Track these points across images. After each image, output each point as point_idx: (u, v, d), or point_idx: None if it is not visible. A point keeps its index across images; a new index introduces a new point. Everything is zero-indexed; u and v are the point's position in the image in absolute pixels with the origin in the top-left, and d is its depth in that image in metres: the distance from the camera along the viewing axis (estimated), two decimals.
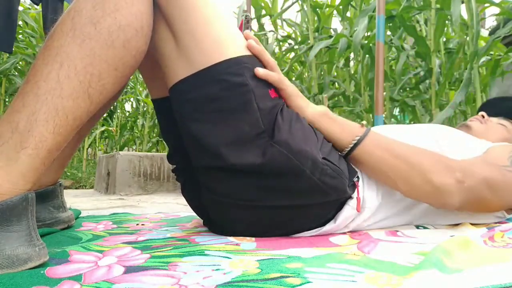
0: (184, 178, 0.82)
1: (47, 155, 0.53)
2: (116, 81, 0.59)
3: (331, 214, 0.74)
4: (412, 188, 0.74)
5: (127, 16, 0.57)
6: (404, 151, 0.74)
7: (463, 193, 0.73)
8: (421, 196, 0.75)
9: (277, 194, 0.68)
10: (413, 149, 0.75)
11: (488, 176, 0.76)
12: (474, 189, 0.74)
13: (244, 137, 0.64)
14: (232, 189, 0.69)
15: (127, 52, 0.59)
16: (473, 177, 0.74)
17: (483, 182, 0.75)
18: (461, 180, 0.73)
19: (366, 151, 0.73)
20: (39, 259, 0.50)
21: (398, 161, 0.73)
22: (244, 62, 0.65)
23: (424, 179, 0.72)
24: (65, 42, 0.55)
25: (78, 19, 0.56)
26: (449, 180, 0.72)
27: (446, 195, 0.73)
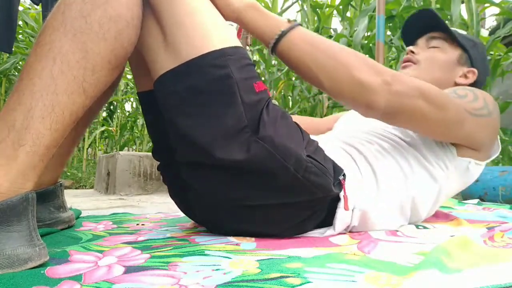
0: (169, 177, 0.82)
1: (45, 152, 0.53)
2: (109, 74, 0.59)
3: (322, 217, 0.74)
4: (336, 82, 0.70)
5: (117, 8, 0.58)
6: (330, 47, 0.71)
7: (389, 95, 0.70)
8: (345, 91, 0.70)
9: (262, 193, 0.68)
10: (340, 47, 0.72)
11: (422, 86, 0.72)
12: (403, 94, 0.70)
13: (228, 131, 0.63)
14: (217, 187, 0.68)
15: (119, 44, 0.59)
16: (404, 83, 0.71)
17: (415, 90, 0.71)
18: (388, 82, 0.69)
19: (291, 44, 0.70)
20: (39, 259, 0.50)
21: (323, 55, 0.70)
22: (228, 54, 0.64)
23: (348, 73, 0.69)
24: (57, 37, 0.55)
25: (69, 13, 0.56)
26: (374, 78, 0.69)
27: (370, 92, 0.69)
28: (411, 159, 0.84)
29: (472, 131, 0.80)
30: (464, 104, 0.79)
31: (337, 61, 0.69)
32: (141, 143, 5.20)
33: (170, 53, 0.64)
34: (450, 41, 0.99)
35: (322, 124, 1.21)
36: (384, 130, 0.89)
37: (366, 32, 2.61)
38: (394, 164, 0.82)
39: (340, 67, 0.69)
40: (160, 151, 0.80)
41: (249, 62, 0.67)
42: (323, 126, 1.19)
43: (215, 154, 0.63)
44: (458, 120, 0.77)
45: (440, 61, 0.98)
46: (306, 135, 0.73)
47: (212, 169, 0.66)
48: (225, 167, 0.65)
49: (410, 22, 1.07)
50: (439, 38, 1.00)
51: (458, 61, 0.98)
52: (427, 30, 1.03)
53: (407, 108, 0.72)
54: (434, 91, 0.73)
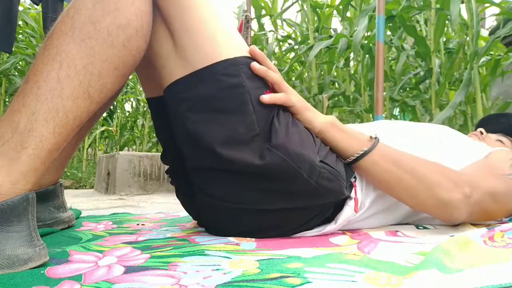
0: (178, 180, 0.82)
1: (47, 155, 0.53)
2: (116, 80, 0.59)
3: (329, 214, 0.74)
4: (418, 201, 0.74)
5: (127, 15, 0.57)
6: (410, 164, 0.74)
7: (469, 207, 0.75)
8: (427, 209, 0.76)
9: (273, 197, 0.68)
10: (420, 162, 0.75)
11: (492, 188, 0.78)
12: (480, 202, 0.76)
13: (239, 139, 0.64)
14: (228, 192, 0.68)
15: (127, 51, 0.58)
16: (479, 191, 0.76)
17: (487, 195, 0.77)
18: (468, 195, 0.74)
19: (372, 162, 0.73)
20: (39, 259, 0.50)
21: (405, 175, 0.73)
22: (241, 63, 0.65)
23: (431, 193, 0.73)
24: (65, 41, 0.55)
25: (78, 18, 0.56)
26: (457, 195, 0.73)
27: (453, 210, 0.74)
28: None
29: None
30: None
31: (419, 181, 0.73)
32: (141, 143, 5.20)
33: (180, 60, 0.64)
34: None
35: None
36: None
37: (366, 32, 2.61)
38: None
39: (421, 187, 0.73)
40: (169, 156, 0.81)
41: None
42: None
43: (227, 158, 0.63)
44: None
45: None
46: (317, 140, 0.73)
47: (224, 174, 0.66)
48: (237, 171, 0.65)
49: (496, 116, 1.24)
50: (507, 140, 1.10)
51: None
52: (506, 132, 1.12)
53: (481, 211, 0.79)
54: (500, 190, 0.79)
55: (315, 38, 3.31)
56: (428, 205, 0.74)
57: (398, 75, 2.78)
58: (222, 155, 0.63)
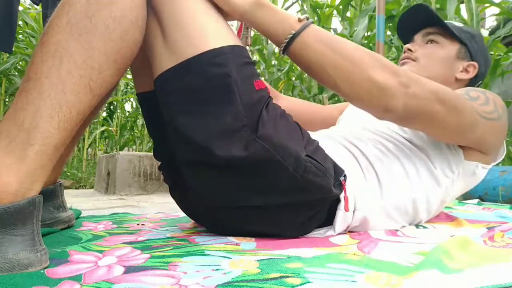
0: (171, 178, 0.82)
1: (54, 151, 0.54)
2: (115, 73, 0.60)
3: (324, 217, 0.74)
4: (352, 85, 0.68)
5: (122, 8, 0.58)
6: (346, 47, 0.69)
7: (407, 98, 0.68)
8: (363, 94, 0.68)
9: (261, 193, 0.67)
10: (355, 46, 0.70)
11: (438, 89, 0.71)
12: (420, 97, 0.69)
13: (227, 130, 0.63)
14: (216, 188, 0.68)
15: (125, 44, 0.59)
16: (420, 85, 0.70)
17: (431, 93, 0.70)
18: (405, 84, 0.68)
19: (305, 44, 0.68)
20: (40, 264, 0.50)
21: (338, 56, 0.68)
22: (227, 52, 0.64)
23: (365, 75, 0.67)
24: (63, 37, 0.55)
25: (73, 13, 0.56)
26: (391, 80, 0.68)
27: (388, 95, 0.68)
28: (417, 162, 0.83)
29: (483, 134, 0.80)
30: (476, 107, 0.78)
31: (352, 62, 0.67)
32: (141, 143, 5.20)
33: (170, 52, 0.64)
34: (448, 36, 0.97)
35: (326, 110, 1.18)
36: (391, 130, 0.88)
37: (366, 32, 2.61)
38: (398, 167, 0.81)
39: (357, 69, 0.67)
40: (161, 151, 0.80)
41: (249, 60, 0.67)
42: (326, 113, 1.17)
43: (214, 152, 0.63)
44: (471, 123, 0.76)
45: (439, 57, 0.96)
46: (305, 134, 0.72)
47: (212, 169, 0.66)
48: (225, 166, 0.64)
49: (405, 19, 1.05)
50: (436, 33, 0.98)
51: (457, 55, 0.96)
52: (423, 26, 1.01)
53: (424, 112, 0.71)
54: (449, 94, 0.73)
55: None
56: (362, 90, 0.68)
57: None
58: (208, 147, 0.63)
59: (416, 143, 0.85)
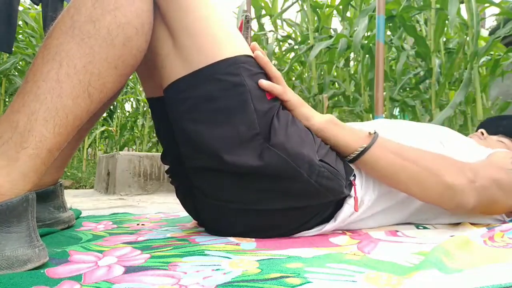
0: (178, 181, 0.82)
1: (47, 155, 0.53)
2: (116, 80, 0.59)
3: (328, 213, 0.74)
4: (425, 189, 0.74)
5: (127, 14, 0.57)
6: (413, 154, 0.74)
7: (476, 193, 0.75)
8: (435, 197, 0.75)
9: (273, 197, 0.68)
10: (422, 152, 0.76)
11: (496, 176, 0.78)
12: (485, 189, 0.76)
13: (240, 138, 0.64)
14: (227, 192, 0.69)
15: (127, 51, 0.58)
16: (483, 177, 0.76)
17: (493, 183, 0.77)
18: (472, 180, 0.74)
19: (375, 156, 0.73)
20: (38, 260, 0.50)
21: (408, 163, 0.73)
22: (241, 62, 0.64)
23: (437, 179, 0.73)
24: (65, 40, 0.55)
25: (78, 17, 0.56)
26: (462, 180, 0.73)
27: (460, 194, 0.74)
28: None
29: None
30: None
31: (423, 167, 0.73)
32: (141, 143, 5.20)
33: (180, 60, 0.64)
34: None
35: None
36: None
37: (366, 32, 2.61)
38: None
39: (426, 173, 0.73)
40: (169, 156, 0.81)
41: (261, 70, 0.68)
42: None
43: (227, 160, 0.63)
44: None
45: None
46: (317, 138, 0.73)
47: (225, 175, 0.66)
48: (237, 172, 0.65)
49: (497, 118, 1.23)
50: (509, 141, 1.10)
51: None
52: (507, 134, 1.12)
53: (489, 201, 0.78)
54: (505, 180, 0.79)
55: (315, 38, 3.31)
56: (435, 193, 0.74)
57: (398, 75, 2.78)
58: (222, 157, 0.63)
59: None
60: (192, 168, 0.70)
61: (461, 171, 0.74)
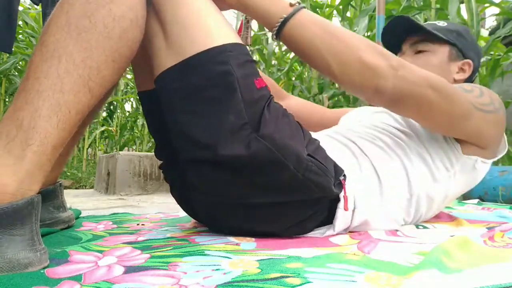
0: (171, 177, 0.82)
1: (52, 151, 0.54)
2: (114, 73, 0.60)
3: (324, 216, 0.74)
4: (344, 66, 0.69)
5: (121, 7, 0.58)
6: (339, 30, 0.71)
7: (395, 80, 0.69)
8: (353, 76, 0.69)
9: (262, 191, 0.68)
10: (347, 31, 0.72)
11: (430, 76, 0.72)
12: (410, 80, 0.70)
13: (229, 128, 0.63)
14: (218, 186, 0.68)
15: (124, 43, 0.59)
16: (411, 70, 0.71)
17: (422, 79, 0.71)
18: (394, 67, 0.69)
19: (299, 25, 0.69)
20: (39, 264, 0.50)
21: (332, 37, 0.69)
22: (229, 50, 0.64)
23: (356, 56, 0.68)
24: (61, 36, 0.55)
25: (72, 12, 0.56)
26: (381, 62, 0.69)
27: (378, 76, 0.68)
28: (414, 157, 0.83)
29: (479, 126, 0.80)
30: (470, 98, 0.78)
31: (347, 44, 0.69)
32: (141, 143, 5.20)
33: (171, 50, 0.65)
34: (435, 40, 0.97)
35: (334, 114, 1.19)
36: (388, 125, 0.88)
37: (366, 32, 2.61)
38: (397, 164, 0.82)
39: (349, 50, 0.69)
40: (162, 151, 0.81)
41: (250, 58, 0.68)
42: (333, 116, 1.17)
43: (216, 150, 0.63)
44: (465, 113, 0.76)
45: (432, 65, 0.95)
46: (307, 134, 0.72)
47: (214, 167, 0.66)
48: (226, 164, 0.65)
49: (387, 31, 1.05)
50: (423, 40, 0.98)
51: (450, 58, 0.96)
52: (407, 35, 1.01)
53: (414, 95, 0.71)
54: (442, 82, 0.73)
55: None
56: (353, 70, 0.69)
57: None
58: (212, 147, 0.63)
59: (412, 136, 0.86)
60: (185, 160, 0.70)
61: (384, 56, 0.70)
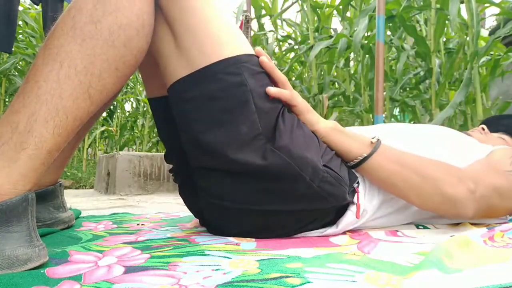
0: (181, 180, 0.82)
1: (47, 156, 0.53)
2: (116, 81, 0.59)
3: (330, 218, 0.74)
4: (425, 199, 0.74)
5: (128, 15, 0.57)
6: (414, 163, 0.74)
7: (475, 203, 0.74)
8: (434, 206, 0.76)
9: (274, 199, 0.68)
10: (423, 160, 0.75)
11: (497, 184, 0.78)
12: (485, 197, 0.76)
13: (242, 139, 0.64)
14: (230, 191, 0.69)
15: (128, 52, 0.58)
16: (484, 186, 0.76)
17: (493, 190, 0.77)
18: (473, 190, 0.74)
19: (376, 164, 0.73)
20: (38, 259, 0.50)
21: (409, 173, 0.73)
22: (243, 61, 0.64)
23: (437, 189, 0.72)
24: (66, 41, 0.55)
25: (79, 18, 0.56)
26: (462, 190, 0.73)
27: (459, 206, 0.74)
28: None
29: None
30: None
31: (423, 177, 0.73)
32: (141, 143, 5.20)
33: (183, 59, 0.64)
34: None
35: None
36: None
37: (366, 32, 2.61)
38: None
39: (426, 184, 0.73)
40: (173, 156, 0.81)
41: (262, 69, 0.68)
42: None
43: (231, 160, 0.63)
44: None
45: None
46: (322, 144, 0.73)
47: (227, 175, 0.66)
48: (240, 171, 0.65)
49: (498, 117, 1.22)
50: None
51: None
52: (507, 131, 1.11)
53: (487, 208, 0.78)
54: (505, 186, 0.79)
55: (315, 38, 3.31)
56: (434, 203, 0.74)
57: (398, 75, 2.78)
58: (225, 156, 0.63)
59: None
60: (197, 168, 0.70)
61: (461, 181, 0.74)
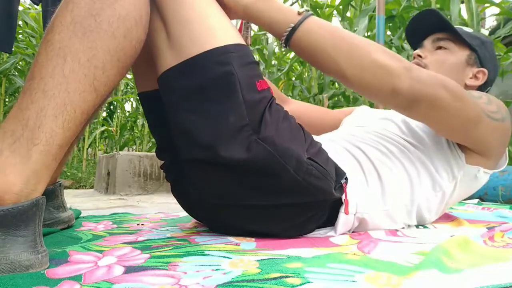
0: (173, 177, 0.82)
1: (58, 151, 0.54)
2: (118, 72, 0.60)
3: (325, 218, 0.74)
4: (357, 68, 0.69)
5: (126, 6, 0.58)
6: (349, 34, 0.71)
7: (411, 80, 0.69)
8: (368, 78, 0.69)
9: (261, 193, 0.68)
10: (356, 35, 0.72)
11: (442, 77, 0.72)
12: (425, 80, 0.69)
13: (229, 129, 0.63)
14: (219, 186, 0.68)
15: (128, 42, 0.59)
16: (424, 72, 0.71)
17: (436, 79, 0.71)
18: (408, 68, 0.69)
19: (309, 31, 0.69)
20: (40, 266, 0.50)
21: (342, 41, 0.69)
22: (231, 51, 0.64)
23: (369, 57, 0.68)
24: (67, 35, 0.55)
25: (77, 11, 0.56)
26: (395, 62, 0.69)
27: (394, 76, 0.68)
28: (419, 166, 0.83)
29: (487, 133, 0.79)
30: (480, 104, 0.78)
31: (358, 47, 0.69)
32: (141, 143, 5.20)
33: (173, 50, 0.65)
34: (458, 42, 0.97)
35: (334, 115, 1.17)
36: (393, 133, 0.87)
37: (366, 32, 2.61)
38: (401, 171, 0.81)
39: (361, 52, 0.68)
40: (164, 151, 0.81)
41: (252, 60, 0.67)
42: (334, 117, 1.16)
43: (217, 152, 0.63)
44: (475, 118, 0.76)
45: (449, 63, 0.95)
46: (308, 136, 0.72)
47: (214, 167, 0.66)
48: (226, 165, 0.65)
49: (414, 23, 1.05)
50: (445, 39, 0.98)
51: (467, 62, 0.96)
52: (432, 31, 1.00)
53: (428, 95, 0.70)
54: (454, 83, 0.73)
55: None
56: (367, 72, 0.68)
57: None
58: (212, 148, 0.63)
59: (418, 145, 0.85)
60: (186, 160, 0.70)
61: (396, 57, 0.70)
